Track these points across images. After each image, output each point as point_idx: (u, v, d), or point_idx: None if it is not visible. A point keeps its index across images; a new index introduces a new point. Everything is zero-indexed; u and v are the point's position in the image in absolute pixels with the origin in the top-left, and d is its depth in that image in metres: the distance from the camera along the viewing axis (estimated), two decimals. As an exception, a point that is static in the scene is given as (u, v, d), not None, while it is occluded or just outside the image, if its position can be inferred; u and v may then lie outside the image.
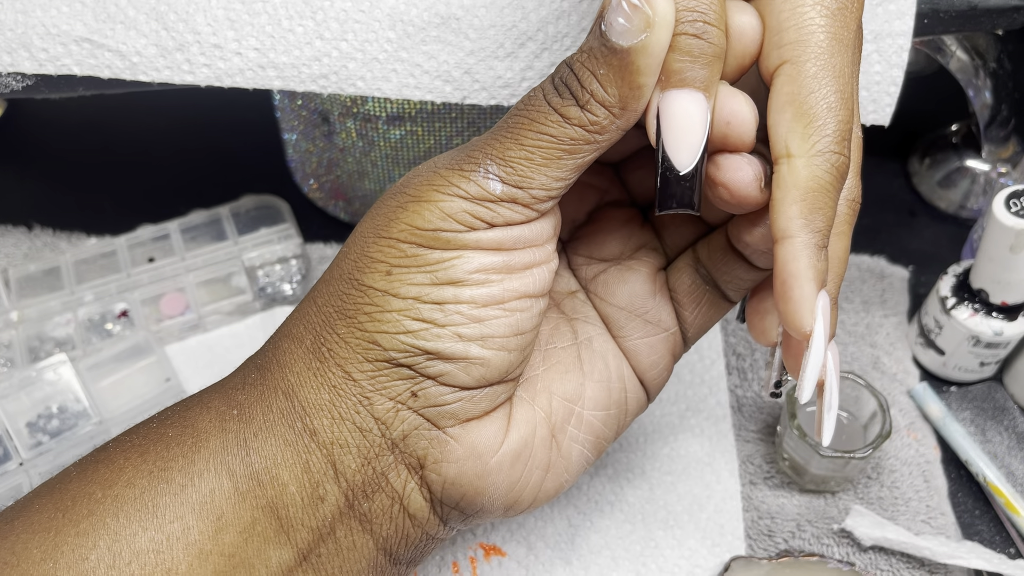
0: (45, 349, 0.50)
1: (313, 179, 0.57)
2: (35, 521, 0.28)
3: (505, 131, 0.28)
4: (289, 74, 0.39)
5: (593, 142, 0.27)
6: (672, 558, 0.44)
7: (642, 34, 0.25)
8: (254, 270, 0.54)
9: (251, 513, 0.28)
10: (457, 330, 0.28)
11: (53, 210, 0.59)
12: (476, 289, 0.28)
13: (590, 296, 0.35)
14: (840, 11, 0.27)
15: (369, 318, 0.28)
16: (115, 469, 0.29)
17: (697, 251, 0.34)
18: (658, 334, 0.34)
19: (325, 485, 0.29)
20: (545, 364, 0.33)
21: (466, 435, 0.29)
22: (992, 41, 0.53)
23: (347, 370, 0.29)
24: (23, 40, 0.38)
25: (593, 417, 0.33)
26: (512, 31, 0.38)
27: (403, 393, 0.29)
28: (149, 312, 0.52)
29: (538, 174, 0.27)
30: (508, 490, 0.31)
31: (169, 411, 0.31)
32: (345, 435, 0.29)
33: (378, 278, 0.28)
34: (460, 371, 0.28)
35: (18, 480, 0.44)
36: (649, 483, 0.47)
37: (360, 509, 0.29)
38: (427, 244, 0.28)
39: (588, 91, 0.27)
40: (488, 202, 0.28)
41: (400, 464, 0.29)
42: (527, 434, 0.31)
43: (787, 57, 0.27)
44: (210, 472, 0.28)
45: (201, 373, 0.51)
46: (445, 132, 0.50)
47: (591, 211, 0.35)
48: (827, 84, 0.26)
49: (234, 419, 0.29)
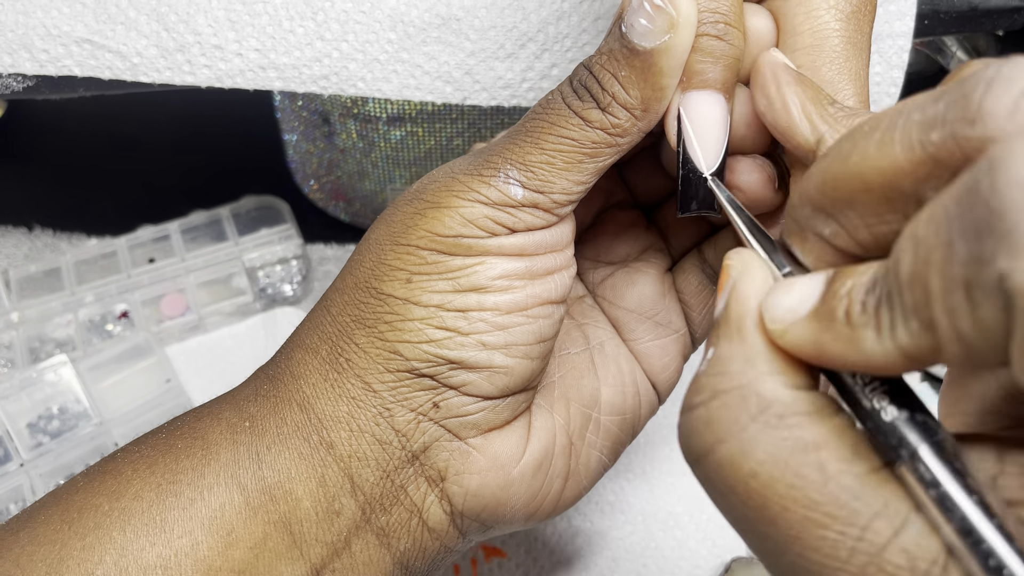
0: (46, 350, 0.50)
1: (313, 180, 0.57)
2: (40, 533, 0.27)
3: (524, 135, 0.27)
4: (290, 75, 0.39)
5: (614, 145, 0.27)
6: (672, 559, 0.44)
7: (665, 35, 0.25)
8: (254, 271, 0.54)
9: (263, 528, 0.27)
10: (481, 338, 0.27)
11: (53, 211, 0.59)
12: (500, 296, 0.28)
13: (598, 300, 0.34)
14: (854, 15, 0.27)
15: (389, 327, 0.28)
16: (122, 481, 0.28)
17: (703, 251, 0.33)
18: (668, 336, 0.34)
19: (341, 499, 0.28)
20: (560, 371, 0.32)
21: (488, 446, 0.29)
22: (992, 42, 0.53)
23: (367, 381, 0.28)
24: (24, 41, 0.38)
25: (610, 422, 0.32)
26: (513, 32, 0.38)
27: (424, 404, 0.28)
28: (149, 313, 0.52)
29: (559, 178, 0.27)
30: (529, 500, 0.30)
31: (178, 421, 0.30)
32: (364, 448, 0.28)
33: (398, 286, 0.28)
34: (484, 380, 0.28)
35: (18, 481, 0.44)
36: (649, 484, 0.47)
37: (377, 523, 0.29)
38: (448, 250, 0.27)
39: (609, 93, 0.26)
40: (509, 207, 0.27)
41: (420, 477, 0.29)
42: (547, 443, 0.30)
43: (801, 62, 0.27)
44: (220, 486, 0.27)
45: (201, 374, 0.51)
46: (445, 133, 0.50)
47: (596, 214, 0.35)
48: (844, 88, 0.26)
49: (246, 431, 0.28)
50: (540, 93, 0.40)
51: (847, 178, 0.21)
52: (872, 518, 0.19)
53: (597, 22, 0.39)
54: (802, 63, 0.27)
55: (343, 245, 0.58)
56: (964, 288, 0.17)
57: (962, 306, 0.17)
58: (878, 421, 0.20)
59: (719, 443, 0.21)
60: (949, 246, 0.17)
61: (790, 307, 0.21)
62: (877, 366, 0.19)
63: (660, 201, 0.35)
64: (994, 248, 0.16)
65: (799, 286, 0.21)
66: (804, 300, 0.21)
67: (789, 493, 0.19)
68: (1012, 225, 0.15)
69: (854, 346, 0.19)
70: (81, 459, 0.45)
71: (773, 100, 0.26)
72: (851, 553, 0.19)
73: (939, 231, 0.17)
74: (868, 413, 0.20)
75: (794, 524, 0.19)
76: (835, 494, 0.19)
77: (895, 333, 0.18)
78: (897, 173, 0.19)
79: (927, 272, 0.17)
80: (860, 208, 0.21)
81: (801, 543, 0.19)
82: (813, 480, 0.19)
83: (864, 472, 0.19)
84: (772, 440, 0.20)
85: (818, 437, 0.20)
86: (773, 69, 0.26)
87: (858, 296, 0.19)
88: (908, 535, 0.19)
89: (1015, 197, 0.15)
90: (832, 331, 0.20)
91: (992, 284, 0.16)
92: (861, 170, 0.20)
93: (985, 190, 0.16)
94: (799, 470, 0.20)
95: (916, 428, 0.19)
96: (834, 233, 0.22)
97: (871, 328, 0.19)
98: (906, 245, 0.18)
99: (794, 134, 0.26)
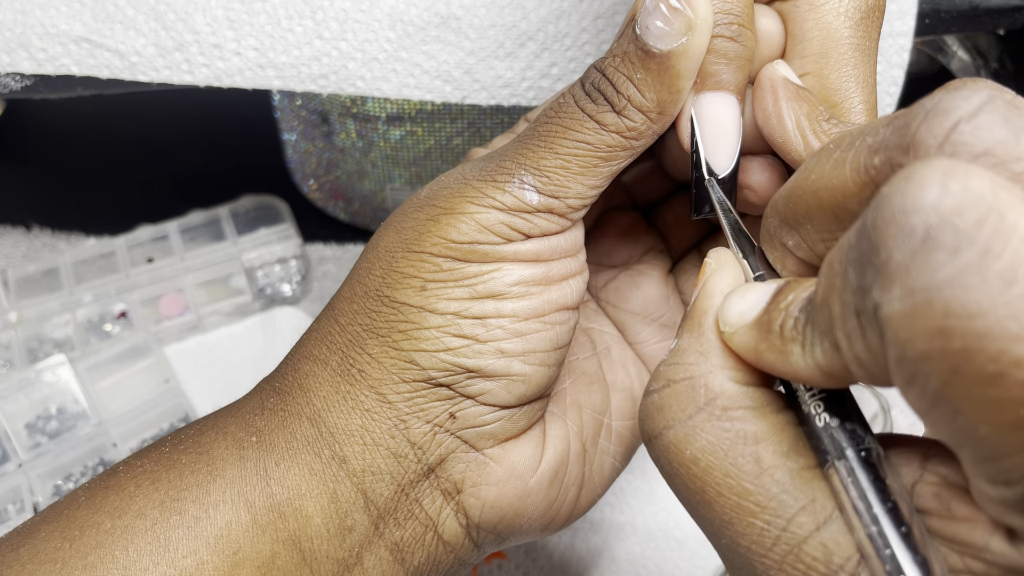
0: (44, 350, 0.50)
1: (312, 179, 0.57)
2: (41, 550, 0.27)
3: (537, 139, 0.27)
4: (288, 74, 0.39)
5: (629, 148, 0.27)
6: (672, 559, 0.44)
7: (683, 37, 0.25)
8: (253, 271, 0.54)
9: (271, 547, 0.26)
10: (499, 345, 0.27)
11: (52, 210, 0.59)
12: (517, 302, 0.27)
13: (602, 304, 0.34)
14: (863, 21, 0.27)
15: (404, 336, 0.27)
16: (125, 497, 0.27)
17: (703, 251, 0.33)
18: (673, 338, 0.33)
19: (354, 515, 0.27)
20: (570, 377, 0.32)
21: (505, 456, 0.28)
22: (993, 41, 0.53)
23: (381, 392, 0.27)
24: (22, 40, 0.38)
25: (621, 427, 0.32)
26: (512, 31, 0.38)
27: (441, 415, 0.28)
28: (148, 313, 0.52)
29: (574, 183, 0.27)
30: (546, 509, 0.30)
31: (182, 434, 0.29)
32: (378, 462, 0.27)
33: (412, 294, 0.27)
34: (501, 389, 0.27)
35: (17, 481, 0.44)
36: (649, 484, 0.46)
37: (391, 538, 0.28)
38: (463, 257, 0.27)
39: (624, 96, 0.26)
40: (525, 213, 0.27)
41: (435, 490, 0.28)
42: (563, 451, 0.30)
43: (810, 69, 0.27)
44: (226, 504, 0.27)
45: (200, 374, 0.51)
46: (445, 132, 0.50)
47: (596, 217, 0.35)
48: (854, 94, 0.27)
49: (253, 447, 0.28)
50: (540, 92, 0.40)
51: (805, 193, 0.22)
52: (798, 512, 0.20)
53: (597, 21, 0.39)
54: (811, 69, 0.27)
55: (342, 245, 0.58)
56: (856, 315, 0.18)
57: (855, 331, 0.18)
58: (812, 425, 0.21)
59: (666, 428, 0.22)
60: (844, 275, 0.18)
61: (741, 312, 0.22)
62: (803, 379, 0.20)
63: (659, 202, 0.35)
64: (872, 279, 0.17)
65: (752, 293, 0.22)
66: (753, 307, 0.22)
67: (725, 481, 0.21)
68: (884, 259, 0.16)
69: (784, 358, 0.20)
70: (79, 459, 0.45)
71: (770, 114, 0.26)
72: (775, 542, 0.20)
73: (841, 259, 0.18)
74: (805, 416, 0.21)
75: (727, 510, 0.21)
76: (766, 486, 0.20)
77: (814, 351, 0.20)
78: (844, 193, 0.20)
79: (831, 297, 0.18)
80: (815, 223, 0.22)
81: (733, 528, 0.21)
82: (748, 471, 0.21)
83: (797, 468, 0.21)
84: (714, 430, 0.21)
85: (758, 431, 0.21)
86: (773, 83, 0.27)
87: (793, 312, 0.20)
88: (828, 532, 0.20)
89: (889, 233, 0.16)
90: (767, 341, 0.21)
91: (871, 313, 0.17)
92: (816, 187, 0.21)
93: (869, 224, 0.17)
94: (736, 460, 0.21)
95: (845, 435, 0.21)
96: (796, 245, 0.23)
97: (798, 344, 0.20)
98: (823, 269, 0.19)
99: (788, 149, 0.26)
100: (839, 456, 0.20)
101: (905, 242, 0.16)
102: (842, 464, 0.20)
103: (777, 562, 0.20)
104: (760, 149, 0.28)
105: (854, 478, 0.20)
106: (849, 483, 0.20)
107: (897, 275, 0.16)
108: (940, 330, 0.15)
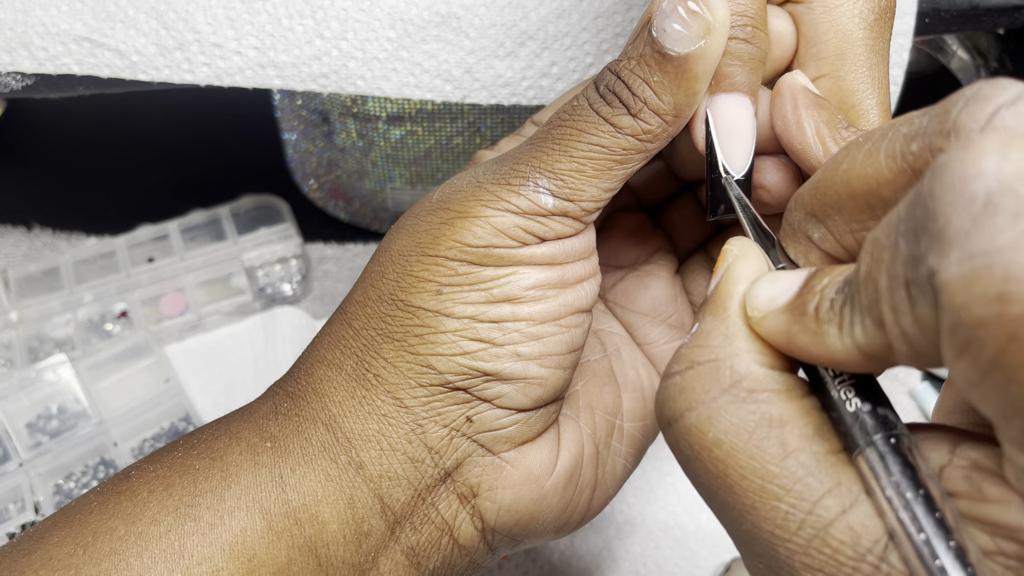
0: (44, 349, 0.50)
1: (313, 179, 0.57)
2: (54, 556, 0.26)
3: (551, 142, 0.27)
4: (289, 73, 0.39)
5: (644, 151, 0.27)
6: (672, 559, 0.44)
7: (701, 40, 0.25)
8: (254, 270, 0.54)
9: (286, 553, 0.26)
10: (516, 349, 0.27)
11: (52, 210, 0.59)
12: (534, 306, 0.27)
13: (610, 306, 0.34)
14: (877, 22, 0.27)
15: (421, 340, 0.27)
16: (138, 503, 0.27)
17: (710, 251, 0.33)
18: (682, 338, 0.33)
19: (371, 520, 0.27)
20: (582, 379, 0.32)
21: (521, 459, 0.28)
22: (993, 41, 0.53)
23: (398, 396, 0.27)
24: (23, 39, 0.38)
25: (633, 428, 0.32)
26: (512, 30, 0.38)
27: (458, 419, 0.28)
28: (148, 312, 0.52)
29: (589, 186, 0.27)
30: (561, 512, 0.30)
31: (195, 439, 0.29)
32: (395, 467, 0.27)
33: (427, 298, 0.27)
34: (518, 392, 0.27)
35: (17, 481, 0.44)
36: (649, 484, 0.46)
37: (407, 542, 0.28)
38: (479, 261, 0.27)
39: (640, 99, 0.26)
40: (540, 216, 0.27)
41: (451, 494, 0.28)
42: (577, 453, 0.30)
43: (826, 71, 0.27)
44: (241, 510, 0.26)
45: (200, 373, 0.51)
46: (445, 132, 0.50)
47: (603, 218, 0.35)
48: (868, 97, 0.27)
49: (268, 452, 0.27)
50: (540, 91, 0.40)
51: (836, 184, 0.22)
52: (824, 495, 0.20)
53: (597, 20, 0.39)
54: (827, 71, 0.27)
55: (342, 244, 0.58)
56: (905, 286, 0.17)
57: (903, 303, 0.18)
58: (842, 411, 0.21)
59: (688, 410, 0.22)
60: (895, 247, 0.18)
61: (771, 296, 0.22)
62: (838, 362, 0.20)
63: (664, 202, 0.35)
64: (927, 247, 0.17)
65: (783, 278, 0.22)
66: (784, 291, 0.22)
67: (749, 463, 0.21)
68: (942, 225, 0.16)
69: (819, 340, 0.20)
70: (80, 459, 0.45)
71: (789, 122, 0.26)
72: (800, 526, 0.20)
73: (889, 233, 0.18)
74: (834, 402, 0.21)
75: (750, 493, 0.21)
76: (792, 469, 0.20)
77: (853, 331, 0.19)
78: (880, 181, 0.20)
79: (878, 271, 0.18)
80: (846, 213, 0.22)
81: (755, 513, 0.21)
82: (773, 454, 0.20)
83: (823, 452, 0.20)
84: (739, 412, 0.21)
85: (784, 414, 0.21)
86: (792, 91, 0.27)
87: (829, 294, 0.20)
88: (855, 515, 0.20)
89: (948, 199, 0.16)
90: (801, 324, 0.21)
91: (924, 281, 0.17)
92: (848, 177, 0.21)
93: (925, 193, 0.17)
94: (761, 443, 0.21)
95: (876, 421, 0.20)
96: (822, 237, 0.23)
97: (835, 325, 0.20)
98: (866, 247, 0.19)
99: (807, 156, 0.26)
100: (869, 442, 0.20)
101: (966, 207, 0.16)
102: (873, 450, 0.20)
103: (802, 546, 0.20)
104: (772, 149, 0.28)
105: (886, 464, 0.20)
106: (881, 469, 0.20)
107: (956, 240, 0.16)
108: (999, 295, 0.15)
